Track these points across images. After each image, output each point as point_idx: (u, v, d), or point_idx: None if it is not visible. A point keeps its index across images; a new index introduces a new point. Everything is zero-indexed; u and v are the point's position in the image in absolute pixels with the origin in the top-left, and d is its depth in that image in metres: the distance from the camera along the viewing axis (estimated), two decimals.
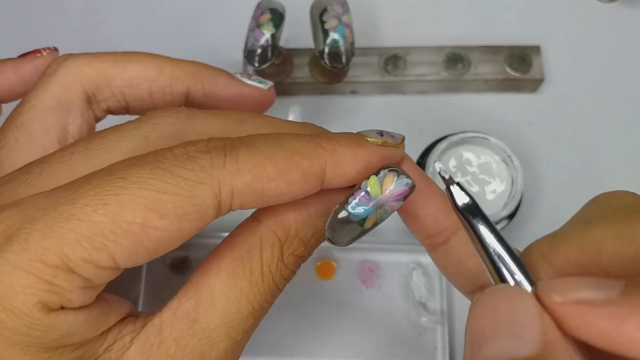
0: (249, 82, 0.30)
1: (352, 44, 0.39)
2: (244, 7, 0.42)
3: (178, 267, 0.39)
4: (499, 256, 0.18)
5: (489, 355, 0.16)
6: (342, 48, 0.38)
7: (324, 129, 0.24)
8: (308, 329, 0.39)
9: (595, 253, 0.17)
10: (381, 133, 0.22)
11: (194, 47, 0.47)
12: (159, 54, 0.28)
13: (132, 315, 0.20)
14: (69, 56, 0.27)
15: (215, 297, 0.20)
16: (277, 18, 0.38)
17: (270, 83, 0.31)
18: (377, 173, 0.21)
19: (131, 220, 0.17)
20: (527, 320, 0.16)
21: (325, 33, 0.38)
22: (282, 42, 0.41)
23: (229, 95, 0.29)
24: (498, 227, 0.38)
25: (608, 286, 0.15)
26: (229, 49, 0.46)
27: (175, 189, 0.18)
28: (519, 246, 0.20)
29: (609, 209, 0.19)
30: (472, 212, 0.19)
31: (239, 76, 0.30)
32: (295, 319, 0.39)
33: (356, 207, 0.21)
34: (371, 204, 0.21)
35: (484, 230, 0.18)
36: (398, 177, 0.21)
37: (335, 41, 0.38)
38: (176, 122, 0.22)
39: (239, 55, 0.44)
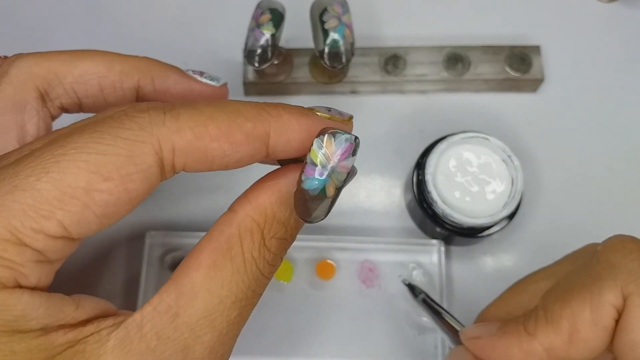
0: (200, 79, 0.30)
1: (352, 44, 0.39)
2: (244, 7, 0.42)
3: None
4: (447, 323, 0.33)
5: None
6: (342, 48, 0.38)
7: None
8: (308, 329, 0.39)
9: (504, 312, 0.29)
10: (329, 109, 0.22)
11: (194, 47, 0.47)
12: (108, 51, 0.29)
13: (114, 314, 0.20)
14: (18, 56, 0.28)
15: (197, 289, 0.20)
16: (277, 18, 0.38)
17: (223, 80, 0.31)
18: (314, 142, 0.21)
19: (74, 185, 0.17)
20: None
21: (325, 33, 0.38)
22: (282, 42, 0.41)
23: (179, 91, 0.29)
24: (498, 227, 0.38)
25: (489, 327, 0.27)
26: (229, 49, 0.46)
27: (115, 149, 0.18)
28: (518, 246, 0.20)
29: (566, 269, 0.29)
30: (427, 300, 0.35)
31: (190, 73, 0.30)
32: (295, 319, 0.39)
33: (309, 181, 0.20)
34: (321, 173, 0.20)
35: (436, 308, 0.34)
36: (335, 137, 0.20)
37: (335, 41, 0.38)
38: None
39: (239, 55, 0.44)
